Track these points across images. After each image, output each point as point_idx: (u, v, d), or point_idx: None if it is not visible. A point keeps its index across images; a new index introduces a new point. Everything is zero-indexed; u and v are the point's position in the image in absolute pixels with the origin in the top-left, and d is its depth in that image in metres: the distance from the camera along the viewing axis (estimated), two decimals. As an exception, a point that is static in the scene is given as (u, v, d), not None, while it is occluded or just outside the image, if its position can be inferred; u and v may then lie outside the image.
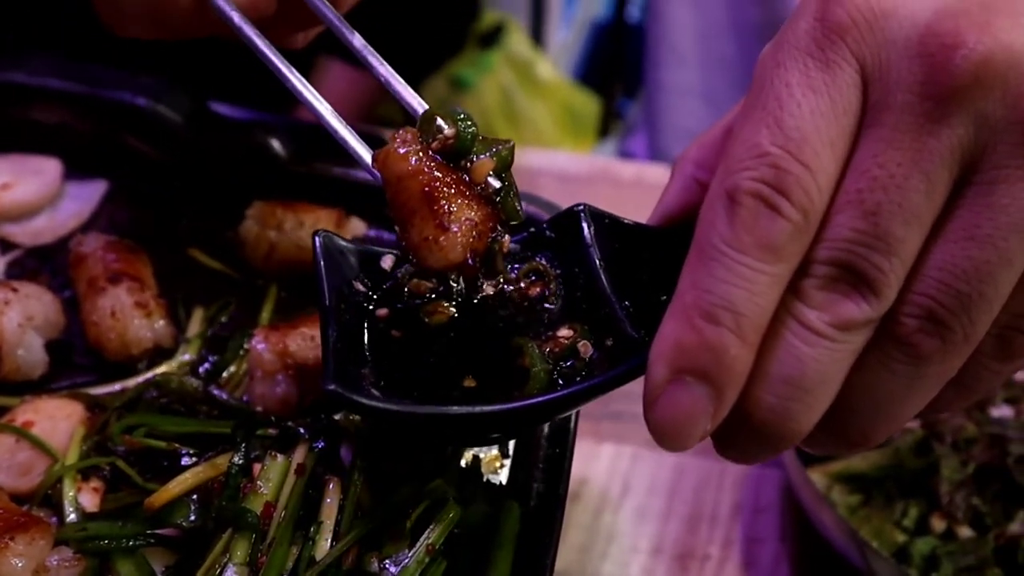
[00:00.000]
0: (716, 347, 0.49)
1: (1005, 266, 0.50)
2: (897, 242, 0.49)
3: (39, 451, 0.74)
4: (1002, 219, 0.50)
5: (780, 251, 0.49)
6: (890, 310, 0.50)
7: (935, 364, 0.51)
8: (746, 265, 0.49)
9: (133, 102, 0.95)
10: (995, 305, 0.51)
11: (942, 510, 0.95)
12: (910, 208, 0.49)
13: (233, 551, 0.64)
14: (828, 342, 0.50)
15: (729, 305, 0.48)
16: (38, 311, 0.81)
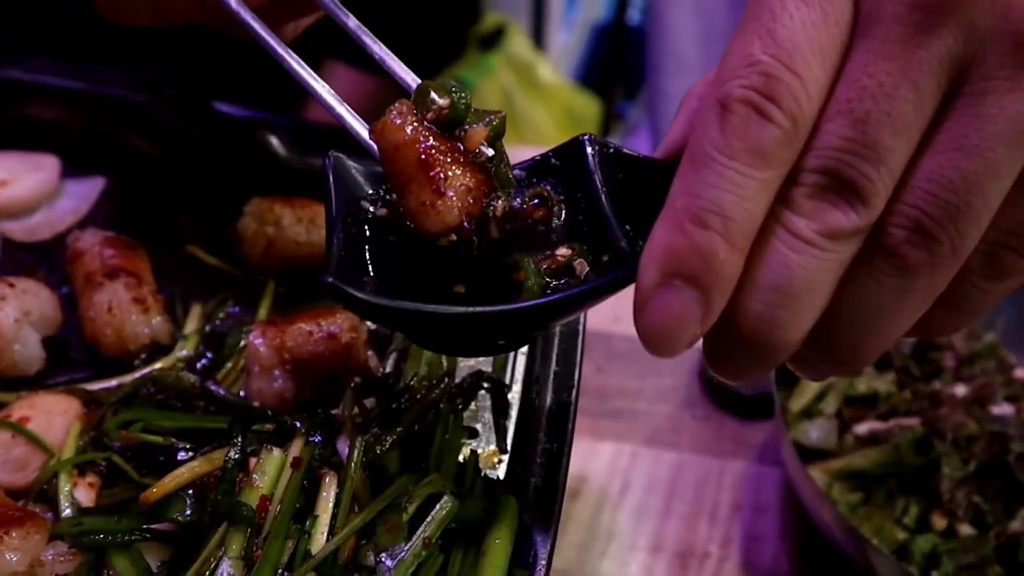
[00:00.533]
0: (705, 250, 0.49)
1: (993, 177, 0.50)
2: (886, 151, 0.50)
3: (35, 446, 0.74)
4: (990, 129, 0.50)
5: (769, 157, 0.49)
6: (878, 221, 0.51)
7: (923, 277, 0.51)
8: (735, 170, 0.49)
9: (131, 99, 0.95)
10: (983, 218, 0.51)
11: (943, 508, 0.94)
12: (899, 117, 0.50)
13: (229, 545, 0.63)
14: (816, 250, 0.50)
15: (718, 209, 0.49)
16: (35, 307, 0.81)
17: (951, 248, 0.51)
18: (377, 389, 0.79)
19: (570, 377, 0.77)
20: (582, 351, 0.79)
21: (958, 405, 1.03)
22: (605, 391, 1.21)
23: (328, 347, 0.79)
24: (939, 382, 1.09)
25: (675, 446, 1.16)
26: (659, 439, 1.16)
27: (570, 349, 0.79)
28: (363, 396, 0.77)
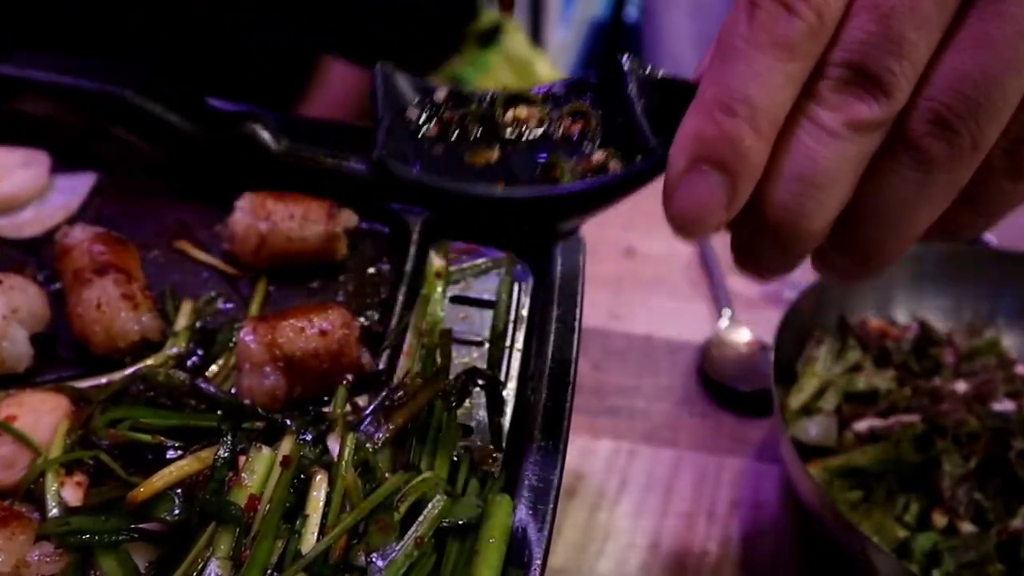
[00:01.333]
0: (733, 137, 0.51)
1: (1013, 74, 0.51)
2: (909, 45, 0.51)
3: (22, 445, 0.73)
4: (1010, 28, 0.51)
5: (795, 50, 0.51)
6: (901, 115, 0.52)
7: (944, 171, 0.53)
8: (763, 62, 0.51)
9: (122, 94, 0.93)
10: (1004, 114, 0.52)
11: (944, 505, 0.94)
12: (922, 12, 0.51)
13: (217, 545, 0.62)
14: (841, 141, 0.52)
15: (746, 99, 0.51)
16: (23, 303, 0.80)
17: (971, 142, 0.52)
18: (370, 386, 0.78)
19: (566, 374, 0.76)
20: (578, 348, 0.78)
21: (959, 401, 1.02)
22: (602, 389, 1.20)
23: (320, 344, 0.77)
24: (939, 378, 1.08)
25: (673, 443, 1.15)
26: (657, 436, 1.15)
27: (566, 346, 0.78)
28: (355, 394, 0.76)
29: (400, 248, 0.92)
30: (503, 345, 0.85)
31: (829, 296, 1.12)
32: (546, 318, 0.81)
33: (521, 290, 0.90)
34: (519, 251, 0.92)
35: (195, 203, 0.96)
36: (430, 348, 0.82)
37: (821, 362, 1.08)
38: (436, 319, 0.85)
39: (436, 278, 0.88)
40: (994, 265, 1.16)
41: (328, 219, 0.89)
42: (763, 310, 1.29)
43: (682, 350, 1.24)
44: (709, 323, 1.27)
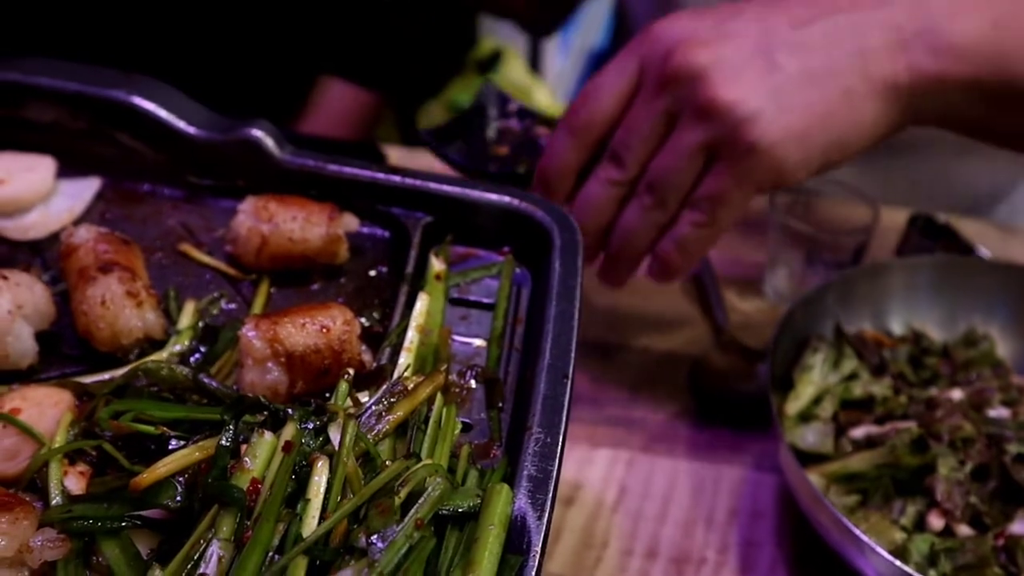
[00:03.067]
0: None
1: (679, 171, 0.98)
2: (638, 144, 0.99)
3: (26, 437, 0.73)
4: (683, 144, 0.97)
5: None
6: (635, 179, 1.01)
7: (655, 209, 1.01)
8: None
9: (126, 100, 0.95)
10: (679, 189, 0.99)
11: (940, 508, 0.94)
12: (639, 133, 0.99)
13: (219, 527, 0.63)
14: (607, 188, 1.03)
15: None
16: (28, 300, 0.81)
17: (661, 200, 1.00)
18: (370, 383, 0.78)
19: (565, 367, 0.76)
20: (576, 344, 0.79)
21: (954, 408, 1.02)
22: (600, 399, 1.20)
23: (322, 340, 0.78)
24: (935, 388, 1.09)
25: (671, 453, 1.15)
26: (655, 446, 1.16)
27: (564, 340, 0.79)
28: (356, 390, 0.77)
29: (400, 252, 0.93)
30: (502, 345, 0.86)
31: (825, 306, 1.13)
32: (544, 316, 0.81)
33: (520, 293, 0.91)
34: (519, 255, 0.93)
35: (198, 208, 0.97)
36: (431, 345, 0.83)
37: (817, 370, 1.09)
38: (436, 319, 0.85)
39: (436, 280, 0.89)
40: (989, 275, 1.17)
41: (329, 222, 0.90)
42: (759, 322, 1.30)
43: (679, 361, 1.24)
44: (705, 334, 1.28)
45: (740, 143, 0.94)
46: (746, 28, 0.97)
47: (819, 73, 0.95)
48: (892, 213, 1.39)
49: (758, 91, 0.94)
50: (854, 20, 0.97)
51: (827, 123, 0.95)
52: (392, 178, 0.94)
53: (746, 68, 0.94)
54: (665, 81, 0.96)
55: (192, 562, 0.62)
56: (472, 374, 0.82)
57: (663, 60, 0.97)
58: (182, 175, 0.97)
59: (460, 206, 0.93)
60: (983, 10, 0.97)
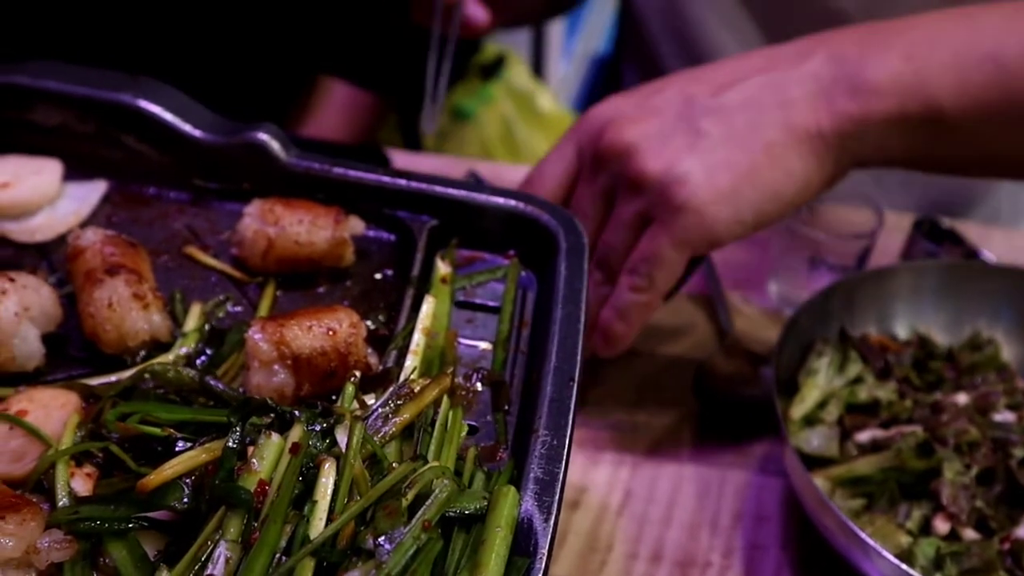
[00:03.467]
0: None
1: (622, 243, 1.03)
2: (585, 224, 0.93)
3: (32, 438, 0.74)
4: (621, 215, 1.02)
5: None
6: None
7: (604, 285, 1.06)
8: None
9: (133, 103, 0.95)
10: (621, 261, 1.03)
11: (945, 512, 0.94)
12: (585, 212, 1.05)
13: (226, 528, 0.63)
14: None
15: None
16: (35, 302, 0.81)
17: (609, 274, 1.05)
18: (376, 385, 0.78)
19: (571, 370, 0.76)
20: (582, 346, 0.79)
21: (960, 413, 1.02)
22: (605, 403, 1.20)
23: (328, 343, 0.78)
24: (940, 392, 1.09)
25: (675, 457, 1.15)
26: (659, 451, 1.16)
27: (570, 343, 0.79)
28: (362, 392, 0.77)
29: (406, 255, 0.93)
30: (508, 348, 0.86)
31: (830, 310, 1.13)
32: (550, 319, 0.82)
33: (526, 296, 0.91)
34: (524, 259, 0.93)
35: (204, 211, 0.97)
36: (437, 348, 0.83)
37: (823, 374, 1.09)
38: (442, 322, 0.86)
39: (442, 283, 0.89)
40: (994, 279, 1.17)
41: (335, 225, 0.90)
42: (763, 327, 1.30)
43: (683, 365, 1.24)
44: (710, 339, 1.28)
45: (671, 204, 0.97)
46: (669, 101, 1.02)
47: (741, 132, 0.99)
48: (896, 217, 1.39)
49: (684, 156, 0.98)
50: (772, 78, 1.01)
51: (754, 178, 0.98)
52: (398, 181, 0.94)
53: (671, 138, 0.99)
54: (599, 161, 1.03)
55: (199, 563, 0.62)
56: (478, 377, 0.82)
57: (596, 141, 1.03)
58: (188, 178, 0.97)
59: (466, 209, 0.94)
60: (893, 46, 1.01)
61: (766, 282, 1.35)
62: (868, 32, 1.04)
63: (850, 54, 1.01)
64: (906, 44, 1.01)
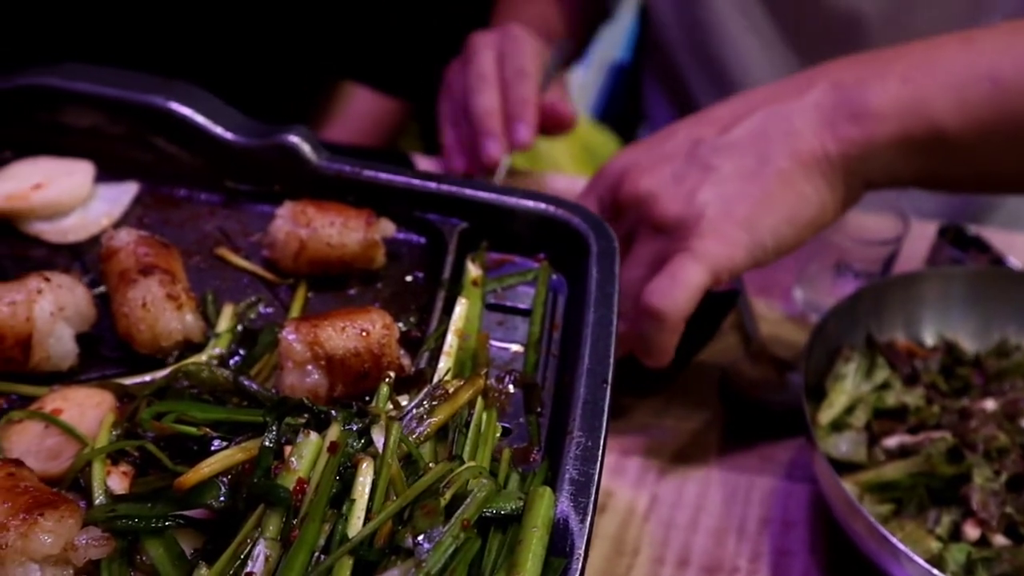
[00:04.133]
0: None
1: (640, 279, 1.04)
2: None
3: (68, 437, 0.74)
4: (642, 254, 1.06)
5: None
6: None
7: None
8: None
9: (164, 105, 0.95)
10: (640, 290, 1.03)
11: (975, 518, 0.93)
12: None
13: (265, 526, 0.63)
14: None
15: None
16: (70, 302, 0.81)
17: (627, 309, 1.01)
18: (409, 386, 0.79)
19: (604, 373, 0.76)
20: (615, 349, 0.79)
21: (988, 418, 1.02)
22: (631, 408, 1.20)
23: (361, 344, 0.78)
24: (967, 398, 1.08)
25: (702, 463, 1.15)
26: (685, 456, 1.16)
27: (603, 346, 0.79)
28: (395, 394, 0.77)
29: (436, 258, 0.93)
30: (540, 350, 0.86)
31: (857, 315, 1.13)
32: (583, 321, 0.82)
33: (557, 299, 0.91)
34: (554, 262, 0.93)
35: (235, 212, 0.98)
36: (469, 350, 0.83)
37: (850, 379, 1.08)
38: (474, 324, 0.86)
39: (473, 286, 0.89)
40: (1022, 287, 1.16)
41: (367, 227, 0.91)
42: (789, 333, 1.30)
43: (710, 371, 1.24)
44: (735, 344, 1.28)
45: (693, 233, 1.01)
46: (679, 146, 1.07)
47: (751, 164, 1.03)
48: (920, 224, 1.39)
49: (699, 192, 1.03)
50: (776, 111, 1.05)
51: (769, 205, 1.02)
52: (428, 184, 0.94)
53: (685, 179, 1.04)
54: (620, 210, 1.09)
55: (239, 561, 0.62)
56: (511, 379, 0.82)
57: (615, 192, 1.10)
58: (219, 180, 0.98)
59: (496, 212, 0.94)
60: (892, 70, 1.04)
61: (791, 288, 1.35)
62: (868, 59, 1.07)
63: (850, 81, 1.04)
64: (904, 67, 1.04)
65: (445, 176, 0.96)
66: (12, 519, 0.63)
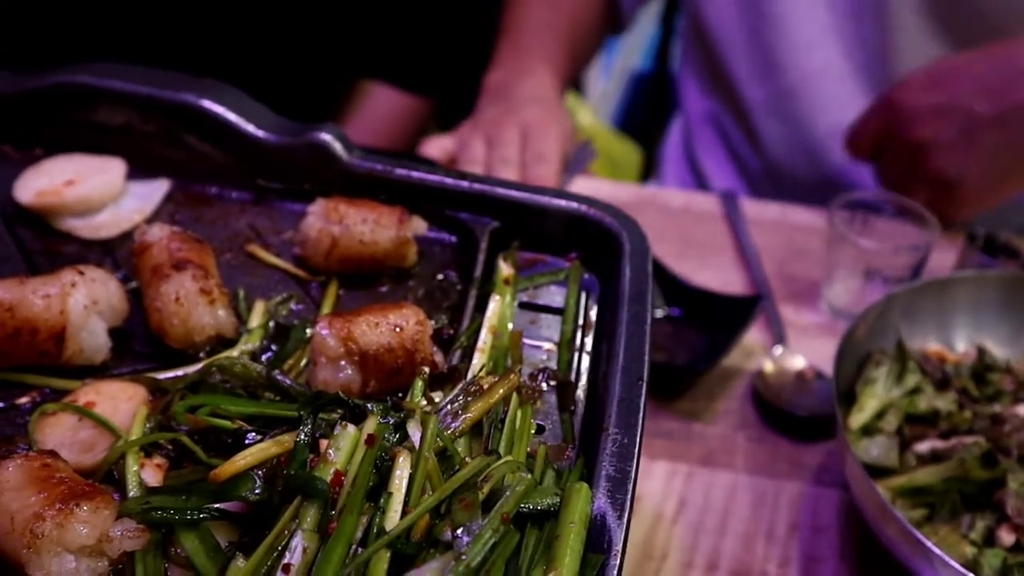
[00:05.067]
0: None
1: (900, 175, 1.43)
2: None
3: (101, 430, 0.74)
4: (912, 189, 1.40)
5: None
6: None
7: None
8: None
9: (197, 103, 0.95)
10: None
11: (1010, 523, 0.92)
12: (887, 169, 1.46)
13: (303, 518, 0.63)
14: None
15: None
16: (103, 296, 0.81)
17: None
18: (443, 382, 0.78)
19: (640, 370, 0.76)
20: (649, 347, 0.78)
21: (1022, 424, 1.01)
22: (659, 412, 1.20)
23: (395, 339, 0.78)
24: (999, 404, 1.07)
25: (730, 467, 1.14)
26: (714, 460, 1.15)
27: (638, 344, 0.78)
28: (429, 388, 0.77)
29: (467, 256, 0.93)
30: (572, 348, 0.86)
31: (888, 320, 1.12)
32: (616, 320, 0.81)
33: (588, 298, 0.91)
34: (585, 261, 0.93)
35: (266, 210, 0.98)
36: (502, 348, 0.82)
37: (881, 384, 1.07)
38: (506, 321, 0.85)
39: (505, 284, 0.88)
40: (1055, 293, 1.15)
41: (399, 225, 0.90)
42: (816, 338, 1.29)
43: (737, 376, 1.24)
44: (763, 350, 1.27)
45: (949, 196, 1.37)
46: (955, 111, 1.32)
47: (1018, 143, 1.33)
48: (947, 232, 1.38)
49: (965, 165, 1.33)
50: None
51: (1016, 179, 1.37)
52: (460, 183, 0.94)
53: (956, 146, 1.32)
54: (901, 146, 1.38)
55: (276, 552, 0.62)
56: (544, 376, 0.81)
57: (899, 131, 1.36)
58: (250, 178, 0.98)
59: (528, 212, 0.93)
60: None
61: (820, 294, 1.34)
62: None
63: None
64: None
65: (476, 175, 0.95)
66: (48, 509, 0.63)
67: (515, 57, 1.62)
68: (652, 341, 1.22)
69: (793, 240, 1.47)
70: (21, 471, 0.67)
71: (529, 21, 1.68)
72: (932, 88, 1.32)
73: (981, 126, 1.29)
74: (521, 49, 1.64)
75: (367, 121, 1.82)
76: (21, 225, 0.93)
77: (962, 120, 1.30)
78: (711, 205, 1.54)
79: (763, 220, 1.50)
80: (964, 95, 1.29)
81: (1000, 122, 1.28)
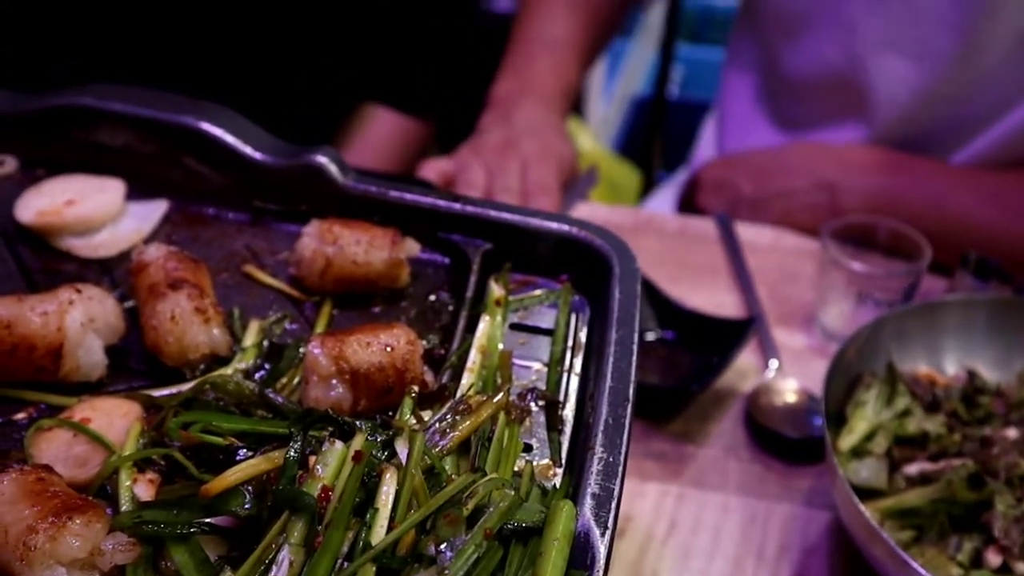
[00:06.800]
0: None
1: None
2: None
3: (96, 445, 0.75)
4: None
5: None
6: None
7: None
8: None
9: (195, 125, 0.97)
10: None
11: (997, 545, 0.93)
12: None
13: (290, 532, 0.64)
14: None
15: None
16: (100, 313, 0.82)
17: None
18: (432, 401, 0.79)
19: (626, 391, 0.77)
20: (636, 369, 0.80)
21: (1010, 447, 1.02)
22: (651, 434, 1.21)
23: (386, 359, 0.79)
24: (989, 427, 1.08)
25: (721, 488, 1.15)
26: (704, 481, 1.16)
27: (625, 366, 0.79)
28: (418, 407, 0.78)
29: (460, 278, 0.94)
30: (561, 369, 0.87)
31: (878, 343, 1.13)
32: (605, 341, 0.82)
33: (578, 319, 0.92)
34: (576, 283, 0.94)
35: (262, 231, 0.99)
36: (492, 368, 0.84)
37: (871, 406, 1.08)
38: (496, 342, 0.86)
39: (496, 305, 0.90)
40: (1045, 316, 1.16)
41: (392, 246, 0.92)
42: (809, 361, 1.30)
43: (729, 398, 1.25)
44: (756, 372, 1.28)
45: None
46: (728, 185, 1.63)
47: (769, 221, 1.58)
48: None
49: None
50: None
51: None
52: (453, 205, 0.96)
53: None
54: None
55: (263, 566, 0.63)
56: (533, 396, 0.82)
57: (693, 197, 1.66)
58: (247, 199, 0.99)
59: (519, 234, 0.95)
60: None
61: (812, 316, 1.35)
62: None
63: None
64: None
65: (469, 197, 0.97)
66: (41, 522, 0.64)
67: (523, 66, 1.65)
68: (645, 363, 1.24)
69: (786, 263, 1.48)
70: (16, 485, 0.68)
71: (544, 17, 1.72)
72: (723, 167, 1.65)
73: (744, 203, 1.58)
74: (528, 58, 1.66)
75: (368, 144, 1.83)
76: (21, 244, 0.95)
77: (731, 196, 1.59)
78: (706, 228, 1.55)
79: (757, 243, 1.51)
80: (738, 176, 1.59)
81: (759, 202, 1.56)
